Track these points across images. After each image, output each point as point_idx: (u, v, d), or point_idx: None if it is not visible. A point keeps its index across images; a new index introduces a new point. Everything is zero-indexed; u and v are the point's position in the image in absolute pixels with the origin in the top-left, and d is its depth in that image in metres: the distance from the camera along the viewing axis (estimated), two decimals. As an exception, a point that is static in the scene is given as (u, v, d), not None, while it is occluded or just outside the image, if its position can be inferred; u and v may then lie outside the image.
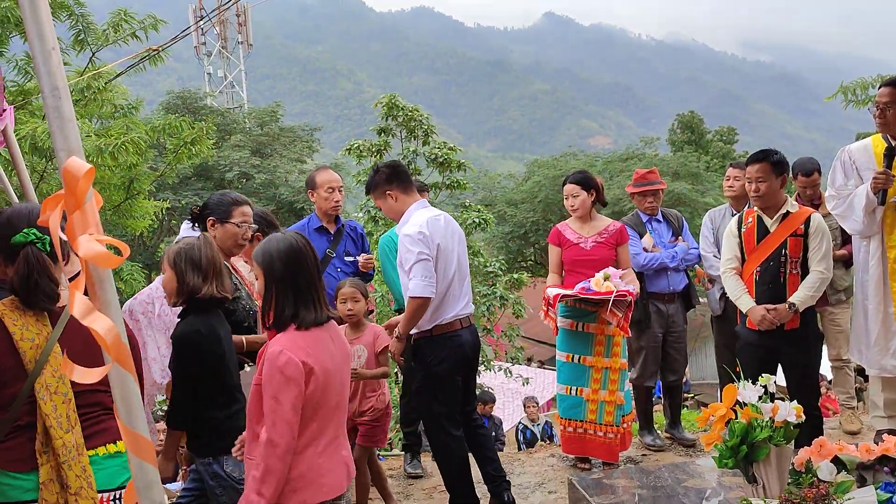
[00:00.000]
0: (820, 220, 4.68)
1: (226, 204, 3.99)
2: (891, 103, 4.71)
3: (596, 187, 5.36)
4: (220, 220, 3.95)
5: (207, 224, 3.96)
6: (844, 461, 3.31)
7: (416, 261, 4.26)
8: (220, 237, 3.91)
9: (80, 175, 1.53)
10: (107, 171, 9.65)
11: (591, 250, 5.27)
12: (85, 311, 1.53)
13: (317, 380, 2.75)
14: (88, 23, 9.52)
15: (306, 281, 2.87)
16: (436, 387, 4.48)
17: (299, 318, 2.82)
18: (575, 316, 5.20)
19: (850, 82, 9.45)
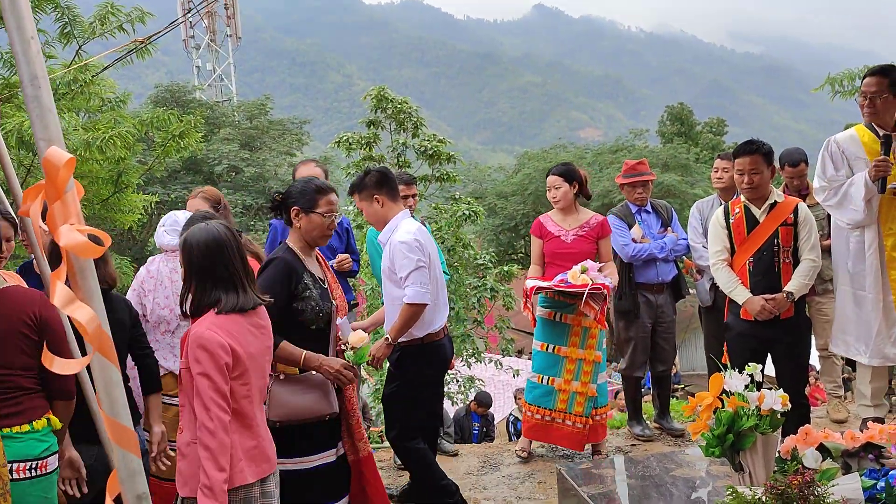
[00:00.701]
0: (807, 209, 4.70)
1: (310, 192, 3.76)
2: (878, 92, 4.72)
3: (579, 180, 5.37)
4: (304, 209, 3.72)
5: (291, 214, 3.74)
6: (830, 449, 3.33)
7: (415, 268, 4.22)
8: (304, 228, 3.72)
9: (60, 165, 1.52)
10: (95, 164, 9.59)
11: (571, 243, 5.28)
12: (66, 300, 1.53)
13: (240, 363, 2.83)
14: (74, 15, 9.45)
15: (227, 269, 2.92)
16: (417, 395, 4.45)
17: (220, 304, 2.89)
18: (554, 307, 5.21)
19: (838, 73, 9.49)
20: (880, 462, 3.28)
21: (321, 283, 3.77)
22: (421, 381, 4.44)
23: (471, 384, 14.59)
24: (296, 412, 3.57)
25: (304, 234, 3.73)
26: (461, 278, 14.07)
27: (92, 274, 1.60)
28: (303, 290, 3.61)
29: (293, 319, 3.60)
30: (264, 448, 2.96)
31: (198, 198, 4.74)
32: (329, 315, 3.72)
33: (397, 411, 4.48)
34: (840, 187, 4.86)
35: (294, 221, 3.74)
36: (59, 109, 9.19)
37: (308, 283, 3.66)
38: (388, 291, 4.43)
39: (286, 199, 3.77)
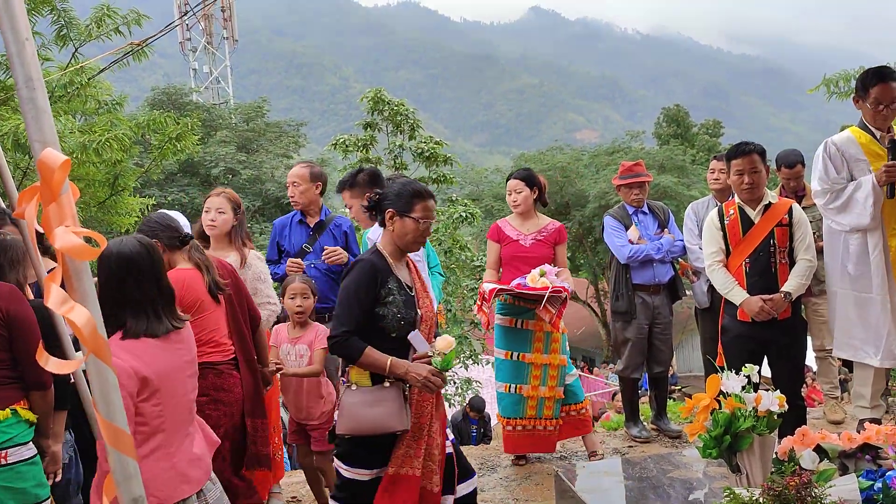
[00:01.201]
0: (801, 210, 4.70)
1: (407, 196, 3.54)
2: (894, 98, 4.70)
3: (539, 186, 5.43)
4: (400, 213, 3.52)
5: (386, 216, 3.55)
6: (827, 450, 3.33)
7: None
8: (397, 231, 3.53)
9: (55, 166, 1.52)
10: (91, 167, 9.60)
11: (529, 247, 5.32)
12: (61, 302, 1.52)
13: (149, 384, 2.69)
14: (71, 18, 9.47)
15: (139, 290, 2.77)
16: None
17: (126, 328, 2.75)
18: (514, 313, 5.22)
19: (833, 75, 9.49)
20: (877, 463, 3.28)
21: (408, 290, 3.58)
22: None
23: (468, 386, 14.60)
24: (365, 426, 3.39)
25: (396, 238, 3.56)
26: (458, 280, 14.09)
27: (87, 276, 1.60)
28: (386, 296, 3.45)
29: (374, 325, 3.44)
30: (182, 469, 2.81)
31: (221, 196, 4.76)
32: (412, 323, 3.53)
33: None
34: (842, 191, 4.82)
35: (388, 224, 3.56)
36: (56, 112, 9.19)
37: (393, 289, 3.48)
38: None
39: (382, 201, 3.58)
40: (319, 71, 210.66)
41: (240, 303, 4.04)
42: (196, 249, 3.89)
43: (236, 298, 4.00)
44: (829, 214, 4.91)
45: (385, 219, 3.55)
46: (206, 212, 4.73)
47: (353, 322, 3.35)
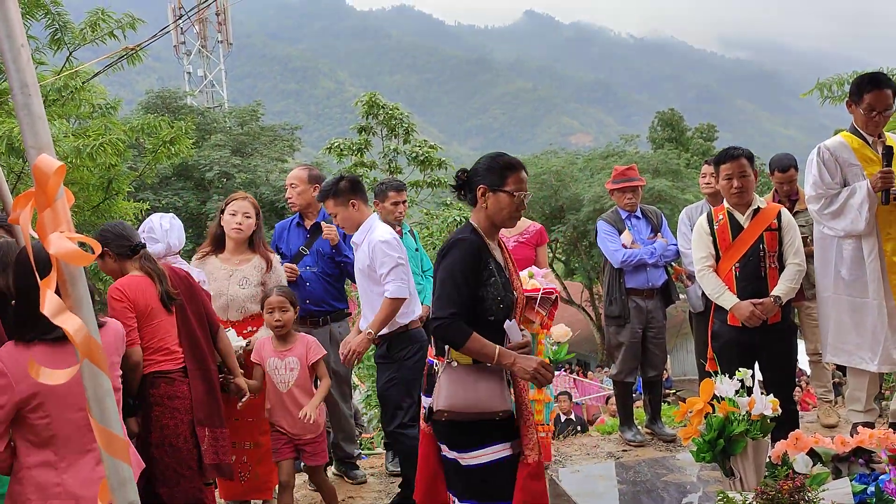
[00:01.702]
0: (789, 214, 4.73)
1: (498, 169, 3.40)
2: (890, 106, 4.73)
3: None
4: (492, 187, 3.35)
5: (477, 193, 3.37)
6: (820, 454, 3.35)
7: (395, 265, 4.47)
8: (491, 207, 3.35)
9: (50, 172, 1.52)
10: (85, 171, 9.57)
11: (512, 250, 5.32)
12: (56, 309, 1.52)
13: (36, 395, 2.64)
14: (65, 22, 9.44)
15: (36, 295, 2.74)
16: (409, 380, 4.64)
17: (18, 333, 2.71)
18: None
19: (826, 79, 9.52)
20: (870, 467, 3.30)
21: (504, 271, 3.44)
22: (413, 365, 4.63)
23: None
24: (466, 405, 3.18)
25: (491, 215, 3.38)
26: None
27: (82, 282, 1.60)
28: (487, 277, 3.28)
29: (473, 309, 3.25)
30: (72, 489, 2.70)
31: (246, 200, 4.80)
32: (510, 306, 3.36)
33: (396, 398, 4.65)
34: (837, 196, 4.82)
35: (479, 201, 3.38)
36: (50, 116, 9.17)
37: (493, 270, 3.32)
38: (365, 288, 4.67)
39: (472, 178, 3.42)
40: (314, 75, 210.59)
41: (195, 310, 3.98)
42: (146, 258, 3.86)
43: (190, 306, 3.95)
44: (824, 220, 4.91)
45: (476, 196, 3.38)
46: (233, 215, 4.74)
47: (460, 304, 3.16)
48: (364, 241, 4.60)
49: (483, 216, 3.39)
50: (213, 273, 4.75)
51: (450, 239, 3.39)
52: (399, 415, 4.63)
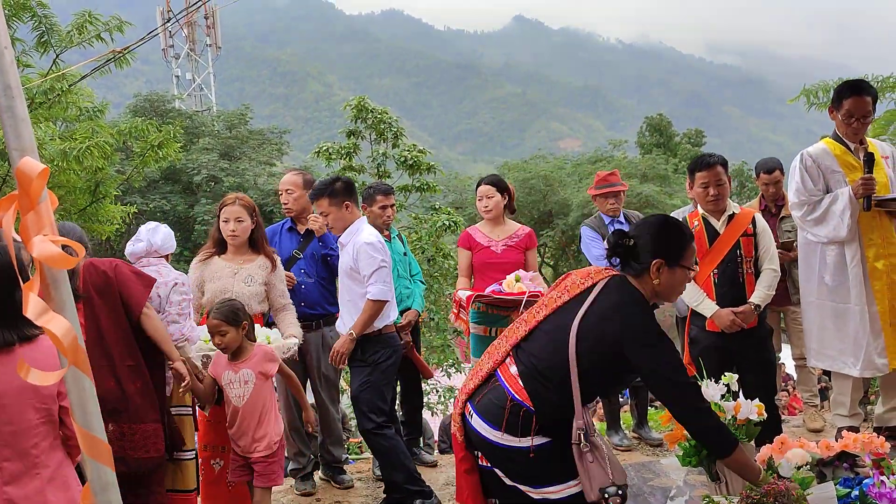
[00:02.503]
0: (763, 219, 4.74)
1: (677, 241, 3.17)
2: (870, 113, 4.76)
3: (509, 192, 5.49)
4: (670, 263, 3.10)
5: (652, 267, 3.08)
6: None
7: (378, 267, 4.52)
8: (664, 283, 3.10)
9: (33, 175, 1.52)
10: (72, 174, 9.55)
11: (501, 253, 5.36)
12: (40, 312, 1.52)
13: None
14: (52, 24, 9.42)
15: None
16: (382, 383, 4.69)
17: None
18: (488, 322, 5.23)
19: (812, 85, 9.60)
20: (855, 471, 3.32)
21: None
22: (386, 367, 4.70)
23: (451, 394, 14.59)
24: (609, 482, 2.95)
25: (662, 291, 3.12)
26: (441, 288, 14.09)
27: (65, 285, 1.60)
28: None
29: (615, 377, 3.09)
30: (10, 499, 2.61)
31: (236, 204, 4.76)
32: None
33: (369, 401, 4.64)
34: (819, 203, 4.84)
35: (652, 274, 3.08)
36: (36, 119, 9.14)
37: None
38: (349, 289, 4.71)
39: (641, 245, 3.11)
40: (303, 78, 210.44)
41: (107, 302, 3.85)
42: None
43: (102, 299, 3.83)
44: (806, 226, 4.93)
45: (647, 267, 3.08)
46: (225, 222, 4.72)
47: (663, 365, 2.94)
48: (350, 242, 4.65)
49: (651, 289, 3.11)
50: (216, 272, 4.73)
51: (627, 297, 3.06)
52: (373, 417, 4.63)
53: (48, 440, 2.66)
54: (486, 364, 3.18)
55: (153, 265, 4.32)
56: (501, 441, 3.00)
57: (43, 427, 2.64)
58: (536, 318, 3.14)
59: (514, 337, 3.15)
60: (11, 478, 2.58)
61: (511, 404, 2.99)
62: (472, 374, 3.24)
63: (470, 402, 3.14)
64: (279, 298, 4.80)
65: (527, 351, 3.08)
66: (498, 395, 3.04)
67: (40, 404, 2.63)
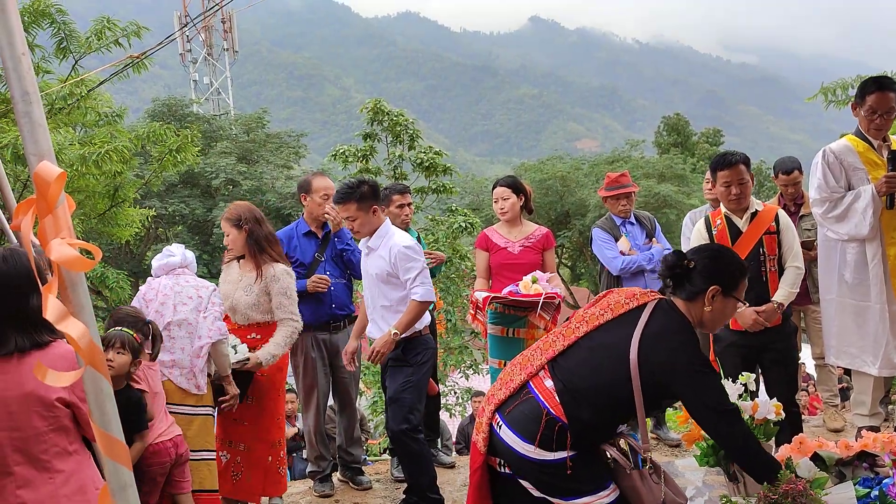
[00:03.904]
0: (787, 216, 4.70)
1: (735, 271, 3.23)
2: (893, 109, 4.72)
3: (525, 193, 5.49)
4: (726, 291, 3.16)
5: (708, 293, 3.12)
6: (824, 458, 3.34)
7: (422, 269, 4.55)
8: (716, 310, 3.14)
9: (51, 179, 1.54)
10: (91, 179, 9.64)
11: (518, 254, 5.37)
12: (59, 315, 1.54)
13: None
14: (71, 30, 9.51)
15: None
16: (424, 384, 4.71)
17: None
18: (505, 322, 5.23)
19: (831, 83, 9.52)
20: (874, 471, 3.29)
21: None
22: (427, 369, 4.73)
23: (468, 396, 14.57)
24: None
25: (710, 319, 3.14)
26: (458, 290, 14.08)
27: (83, 288, 1.61)
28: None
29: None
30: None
31: (223, 220, 4.84)
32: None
33: (410, 402, 4.62)
34: (841, 200, 4.80)
35: (705, 301, 3.10)
36: (55, 124, 9.23)
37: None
38: (384, 294, 4.67)
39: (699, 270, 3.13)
40: (320, 82, 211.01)
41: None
42: None
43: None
44: (827, 223, 4.90)
45: (705, 294, 3.10)
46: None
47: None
48: (382, 245, 4.63)
49: (700, 316, 3.13)
50: (228, 278, 4.89)
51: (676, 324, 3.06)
52: (411, 418, 4.60)
53: (59, 447, 2.65)
54: (518, 375, 3.13)
55: (187, 274, 4.54)
56: (533, 455, 2.98)
57: (52, 434, 2.63)
58: (576, 334, 3.11)
59: (552, 350, 3.11)
60: (24, 482, 2.59)
61: (547, 419, 2.98)
62: (502, 384, 3.18)
63: (499, 413, 3.10)
64: (276, 311, 4.72)
65: (564, 367, 3.06)
66: (531, 407, 3.02)
67: (46, 412, 2.61)
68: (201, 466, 4.33)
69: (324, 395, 5.36)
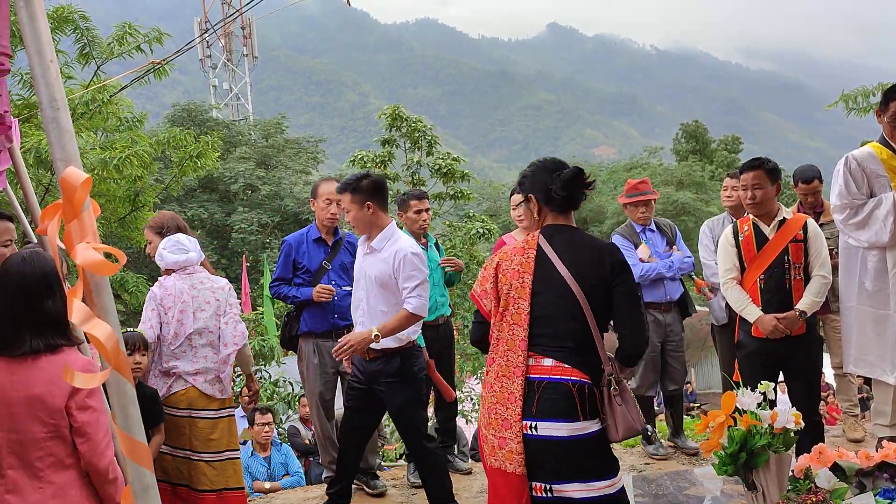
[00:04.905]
0: (815, 225, 4.66)
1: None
2: None
3: None
4: None
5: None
6: (844, 468, 3.31)
7: (423, 281, 4.32)
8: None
9: (77, 184, 1.56)
10: (112, 183, 9.72)
11: None
12: (84, 317, 1.56)
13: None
14: (93, 36, 9.61)
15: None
16: (423, 397, 4.63)
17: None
18: None
19: (852, 90, 9.47)
20: (895, 481, 3.26)
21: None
22: (424, 379, 4.63)
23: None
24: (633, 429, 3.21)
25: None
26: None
27: (107, 291, 1.63)
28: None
29: None
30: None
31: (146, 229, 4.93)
32: None
33: (420, 415, 4.57)
34: (862, 206, 4.77)
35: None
36: (77, 129, 9.32)
37: None
38: (384, 299, 4.42)
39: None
40: (338, 87, 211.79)
41: None
42: None
43: None
44: (848, 230, 4.86)
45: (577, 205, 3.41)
46: None
47: None
48: (386, 248, 4.40)
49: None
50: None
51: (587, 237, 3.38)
52: (423, 430, 4.56)
53: (55, 457, 2.62)
54: (511, 382, 3.15)
55: (199, 272, 4.49)
56: (582, 432, 3.05)
57: (50, 442, 2.60)
58: (525, 311, 3.18)
59: (519, 339, 3.17)
60: (14, 486, 2.56)
61: (576, 389, 3.07)
62: (503, 400, 3.17)
63: (525, 419, 3.10)
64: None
65: (544, 338, 3.14)
66: (554, 390, 3.08)
67: (48, 418, 2.59)
68: (227, 466, 4.39)
69: (326, 400, 5.35)
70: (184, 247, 4.52)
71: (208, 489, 4.31)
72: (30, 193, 3.78)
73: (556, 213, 3.31)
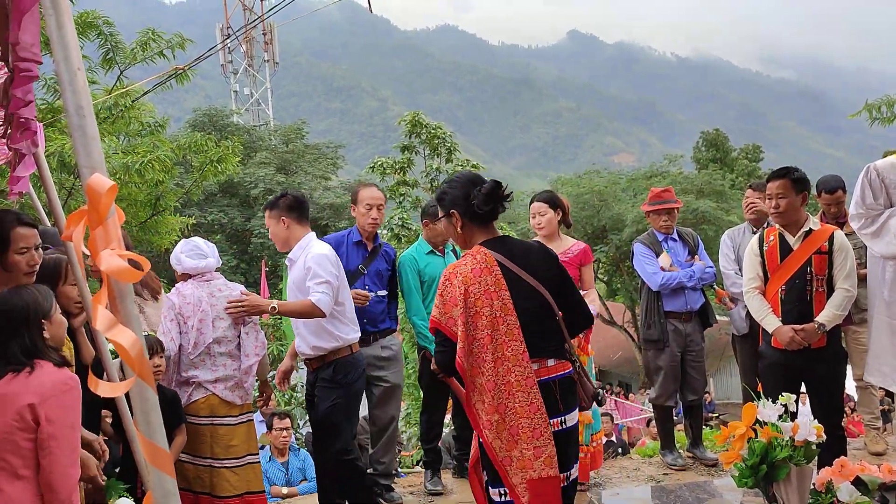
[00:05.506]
0: (843, 237, 4.62)
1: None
2: None
3: (563, 207, 5.41)
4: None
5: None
6: (866, 482, 3.28)
7: (327, 280, 4.40)
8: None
9: (102, 191, 1.57)
10: (133, 188, 9.77)
11: None
12: (108, 324, 1.57)
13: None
14: (117, 42, 9.68)
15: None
16: (352, 406, 4.64)
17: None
18: None
19: (876, 100, 9.38)
20: (918, 496, 3.23)
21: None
22: (357, 389, 4.68)
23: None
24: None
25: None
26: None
27: (131, 298, 1.64)
28: None
29: None
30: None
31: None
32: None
33: (340, 423, 4.56)
34: (878, 216, 4.74)
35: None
36: (100, 133, 9.34)
37: None
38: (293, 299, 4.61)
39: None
40: (358, 94, 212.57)
41: None
42: None
43: None
44: (865, 240, 4.84)
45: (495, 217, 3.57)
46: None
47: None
48: (300, 256, 4.55)
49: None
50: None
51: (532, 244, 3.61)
52: (343, 441, 4.54)
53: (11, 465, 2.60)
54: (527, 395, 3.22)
55: (217, 278, 4.49)
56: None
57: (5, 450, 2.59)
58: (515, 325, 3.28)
59: (519, 353, 3.25)
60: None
61: (578, 377, 3.45)
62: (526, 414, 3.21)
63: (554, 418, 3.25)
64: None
65: (537, 343, 3.29)
66: (566, 384, 3.35)
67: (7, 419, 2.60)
68: (248, 470, 4.41)
69: None
70: (202, 252, 4.51)
71: (231, 495, 4.33)
72: (54, 197, 3.83)
73: (478, 226, 3.42)
